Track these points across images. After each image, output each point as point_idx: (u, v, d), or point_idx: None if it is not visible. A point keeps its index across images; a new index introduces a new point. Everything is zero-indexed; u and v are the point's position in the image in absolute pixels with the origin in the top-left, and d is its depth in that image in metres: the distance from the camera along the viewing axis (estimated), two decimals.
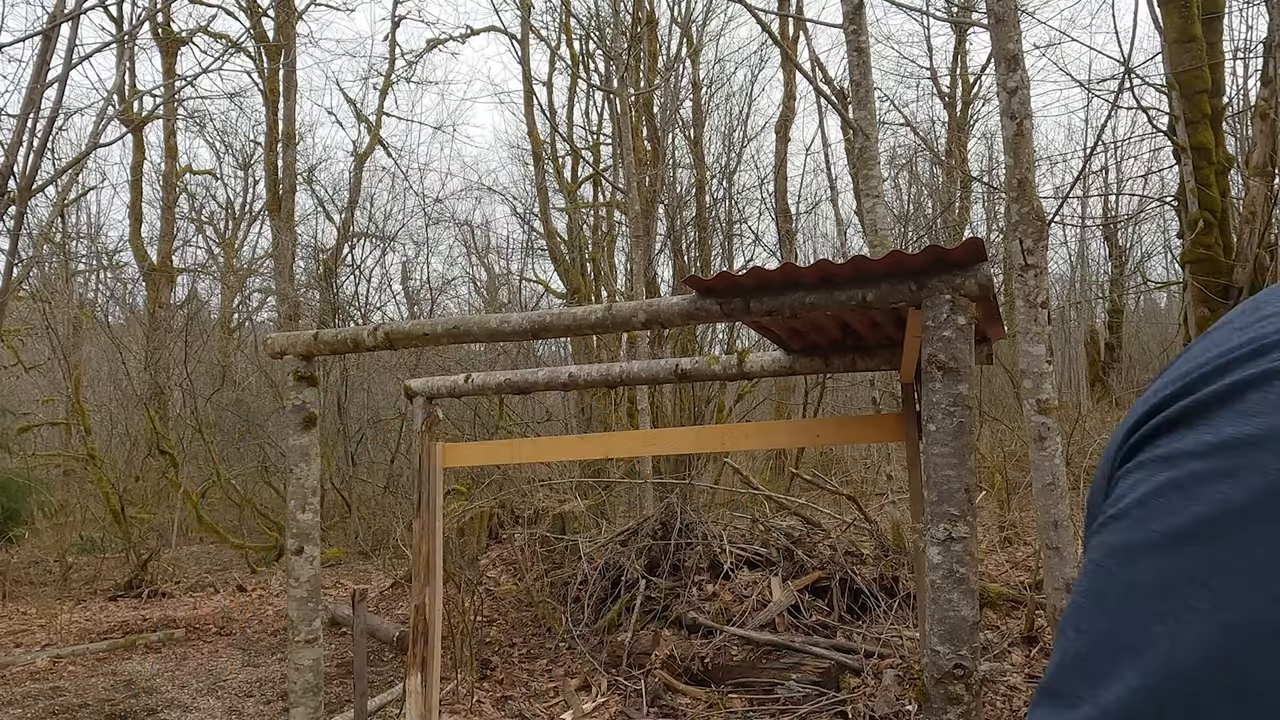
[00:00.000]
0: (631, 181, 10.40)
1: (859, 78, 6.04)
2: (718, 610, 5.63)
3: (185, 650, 7.02)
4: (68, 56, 7.07)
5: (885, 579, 5.91)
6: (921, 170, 17.83)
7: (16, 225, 7.06)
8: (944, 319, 2.16)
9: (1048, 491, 4.20)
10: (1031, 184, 4.28)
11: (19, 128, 6.74)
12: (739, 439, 4.84)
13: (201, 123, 16.92)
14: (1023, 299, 4.23)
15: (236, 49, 13.11)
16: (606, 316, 2.52)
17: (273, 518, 11.60)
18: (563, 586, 6.61)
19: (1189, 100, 9.63)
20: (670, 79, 13.88)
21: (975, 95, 17.11)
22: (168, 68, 14.38)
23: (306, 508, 3.22)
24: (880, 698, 4.51)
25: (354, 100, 18.07)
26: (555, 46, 15.89)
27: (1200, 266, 9.66)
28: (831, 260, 2.23)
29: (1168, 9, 9.74)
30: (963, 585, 2.12)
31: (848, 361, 3.45)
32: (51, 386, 14.18)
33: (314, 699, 3.21)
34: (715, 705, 4.78)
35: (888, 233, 6.31)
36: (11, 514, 10.85)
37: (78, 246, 17.03)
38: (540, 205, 15.23)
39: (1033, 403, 4.22)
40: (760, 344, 6.22)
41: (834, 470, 12.46)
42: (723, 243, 16.19)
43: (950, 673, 2.10)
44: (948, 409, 2.16)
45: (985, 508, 8.99)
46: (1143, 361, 20.35)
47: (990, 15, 4.41)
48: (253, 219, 19.68)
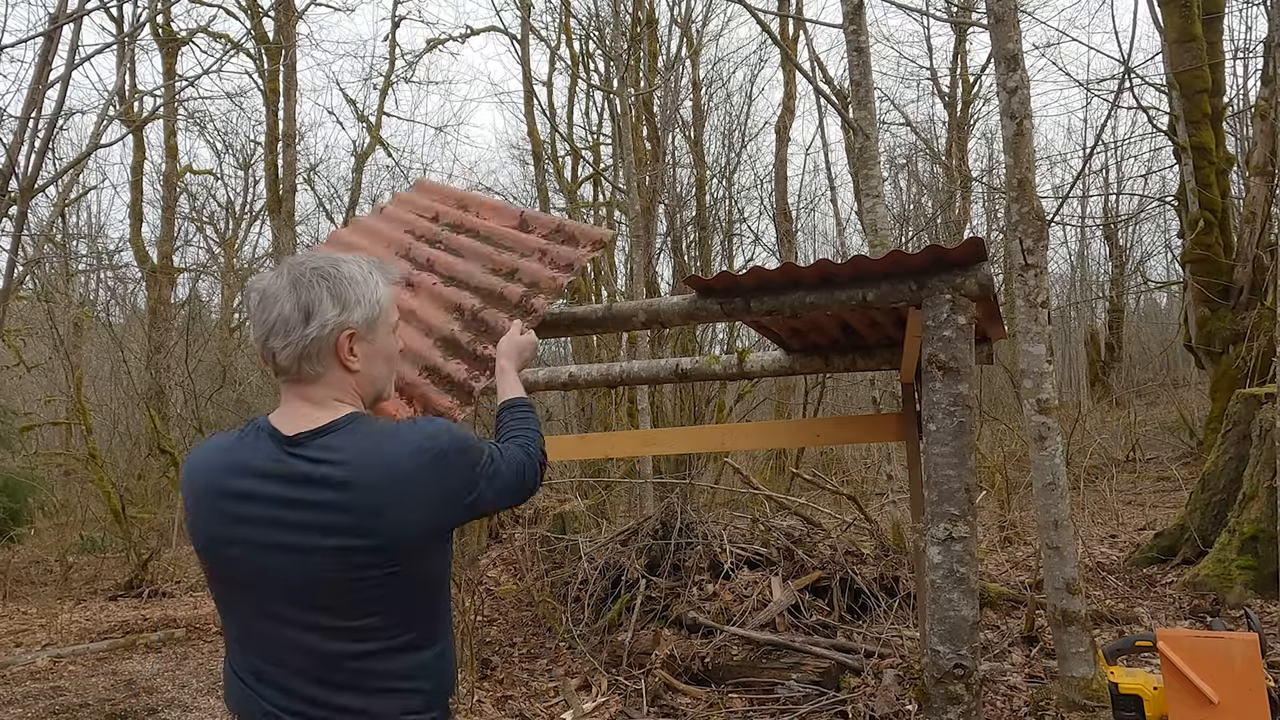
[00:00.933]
0: (631, 181, 10.41)
1: (859, 78, 6.05)
2: (718, 610, 5.63)
3: (186, 650, 7.02)
4: (69, 57, 7.07)
5: (885, 579, 5.91)
6: (921, 170, 17.83)
7: (18, 225, 7.07)
8: (944, 319, 2.16)
9: (1048, 491, 4.20)
10: (1031, 184, 4.28)
11: (21, 128, 6.74)
12: (739, 439, 4.84)
13: (202, 123, 16.96)
14: (1023, 299, 4.24)
15: (237, 49, 13.12)
16: (606, 316, 2.52)
17: None
18: (563, 586, 6.62)
19: (1189, 100, 9.63)
20: (670, 79, 13.88)
21: (975, 95, 17.12)
22: (168, 68, 14.38)
23: None
24: (880, 697, 4.52)
25: (354, 100, 18.11)
26: (555, 47, 15.91)
27: (1200, 266, 9.66)
28: (831, 260, 2.23)
29: (1168, 9, 9.74)
30: (963, 585, 2.13)
31: (848, 361, 3.45)
32: (53, 386, 14.20)
33: None
34: (715, 705, 4.78)
35: (888, 233, 6.31)
36: (12, 513, 10.85)
37: (79, 246, 17.05)
38: (540, 205, 15.24)
39: (1033, 402, 4.22)
40: (760, 344, 6.22)
41: (834, 470, 12.46)
42: (723, 243, 16.20)
43: (950, 672, 2.10)
44: (948, 409, 2.16)
45: (985, 507, 8.99)
46: (1143, 361, 20.36)
47: (990, 15, 4.42)
48: (253, 219, 19.71)
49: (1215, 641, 2.70)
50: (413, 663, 1.38)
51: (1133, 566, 6.86)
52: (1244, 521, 6.04)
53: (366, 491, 1.31)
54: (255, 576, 1.36)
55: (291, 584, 1.33)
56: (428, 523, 1.36)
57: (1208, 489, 6.74)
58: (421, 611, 1.40)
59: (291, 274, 1.40)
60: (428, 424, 1.42)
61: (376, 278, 1.47)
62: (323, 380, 1.41)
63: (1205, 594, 5.93)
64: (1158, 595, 6.20)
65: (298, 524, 1.32)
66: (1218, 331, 9.33)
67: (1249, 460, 6.29)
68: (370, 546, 1.31)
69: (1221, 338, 9.27)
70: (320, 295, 1.39)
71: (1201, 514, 6.69)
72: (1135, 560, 6.97)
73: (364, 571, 1.32)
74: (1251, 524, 5.98)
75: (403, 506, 1.32)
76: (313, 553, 1.31)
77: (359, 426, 1.38)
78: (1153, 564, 6.82)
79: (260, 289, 1.41)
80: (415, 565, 1.36)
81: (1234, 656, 2.64)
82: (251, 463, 1.37)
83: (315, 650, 1.34)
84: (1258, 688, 2.61)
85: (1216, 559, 6.08)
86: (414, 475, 1.33)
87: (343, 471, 1.31)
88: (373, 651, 1.35)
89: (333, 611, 1.33)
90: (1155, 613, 5.77)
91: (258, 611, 1.37)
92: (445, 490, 1.38)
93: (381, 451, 1.34)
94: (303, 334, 1.37)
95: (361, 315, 1.43)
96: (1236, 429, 6.64)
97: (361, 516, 1.30)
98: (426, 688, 1.40)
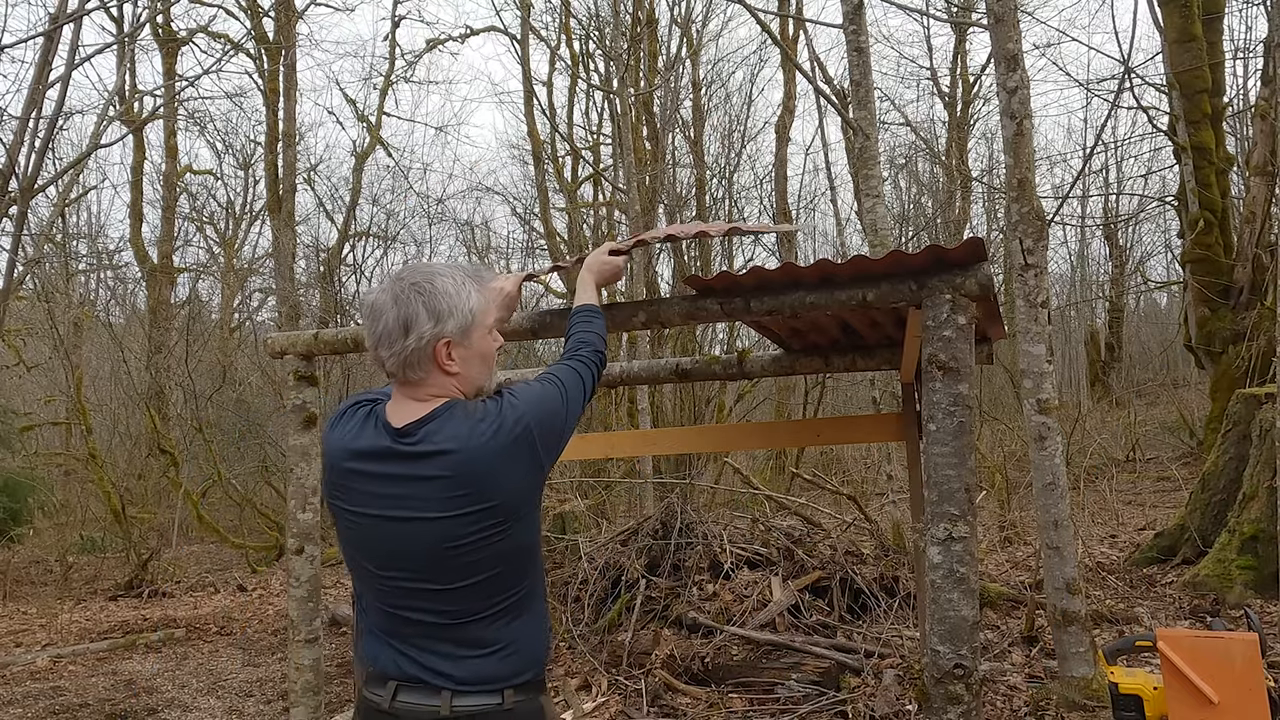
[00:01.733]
0: (631, 181, 10.41)
1: (859, 78, 6.05)
2: (718, 610, 5.63)
3: (186, 650, 7.02)
4: (69, 57, 7.07)
5: (885, 579, 5.91)
6: (921, 170, 17.82)
7: (18, 225, 7.07)
8: (944, 319, 2.16)
9: (1048, 491, 4.20)
10: (1031, 184, 4.28)
11: (21, 128, 6.74)
12: (739, 439, 4.85)
13: (202, 123, 16.92)
14: (1023, 299, 4.23)
15: (237, 49, 13.11)
16: (606, 316, 2.52)
17: (273, 517, 11.60)
18: (563, 586, 6.61)
19: (1189, 100, 9.63)
20: (670, 79, 13.88)
21: (975, 95, 17.10)
22: (168, 68, 14.37)
23: (307, 507, 3.22)
24: (880, 697, 4.52)
25: (354, 100, 18.10)
26: (555, 47, 15.89)
27: (1200, 266, 9.66)
28: (831, 260, 2.23)
29: (1168, 9, 9.73)
30: (963, 585, 2.13)
31: (848, 361, 3.45)
32: (53, 386, 14.18)
33: (314, 699, 3.21)
34: (715, 705, 4.78)
35: (888, 233, 6.31)
36: (12, 513, 10.84)
37: (79, 246, 17.04)
38: (540, 205, 15.25)
39: (1033, 402, 4.22)
40: (760, 344, 6.22)
41: (834, 470, 12.46)
42: (722, 242, 16.18)
43: (950, 672, 2.10)
44: (948, 409, 2.16)
45: (985, 507, 8.99)
46: (1143, 361, 20.34)
47: (990, 15, 4.41)
48: (253, 219, 19.69)
49: (1215, 641, 2.70)
50: (509, 628, 1.55)
51: (1133, 566, 6.86)
52: (1244, 521, 6.04)
53: (470, 463, 1.49)
54: (375, 545, 1.56)
55: (404, 552, 1.53)
56: (525, 487, 1.56)
57: (1208, 489, 6.74)
58: (517, 578, 1.57)
59: (393, 290, 1.60)
60: (510, 408, 1.57)
61: (470, 288, 1.63)
62: (425, 382, 1.61)
63: (1205, 594, 5.93)
64: (1158, 595, 6.20)
65: (408, 497, 1.52)
66: (1218, 331, 9.33)
67: (1249, 460, 6.29)
68: (478, 511, 1.50)
69: (1221, 338, 9.27)
70: (417, 310, 1.57)
71: (1201, 514, 6.69)
72: (1135, 560, 6.97)
73: (471, 537, 1.50)
74: (1251, 524, 5.98)
75: (504, 475, 1.51)
76: (423, 522, 1.51)
77: (456, 411, 1.56)
78: (1153, 564, 6.82)
79: (370, 303, 1.63)
80: (516, 531, 1.55)
81: (1234, 657, 2.64)
82: (369, 447, 1.58)
83: (424, 613, 1.53)
84: (1258, 688, 2.61)
85: (1216, 559, 6.08)
86: (508, 448, 1.52)
87: (447, 448, 1.50)
88: (475, 616, 1.53)
89: (440, 578, 1.51)
90: (1155, 613, 5.77)
91: (378, 577, 1.57)
92: (533, 459, 1.56)
93: (478, 431, 1.52)
94: (403, 345, 1.56)
95: (455, 325, 1.60)
96: (1236, 429, 6.64)
97: (467, 485, 1.49)
98: (523, 650, 1.57)
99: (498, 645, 1.54)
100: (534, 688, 1.59)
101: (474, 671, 1.52)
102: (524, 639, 1.57)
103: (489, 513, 1.50)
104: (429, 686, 1.52)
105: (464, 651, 1.53)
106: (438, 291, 1.58)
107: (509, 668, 1.54)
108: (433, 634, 1.53)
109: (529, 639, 1.58)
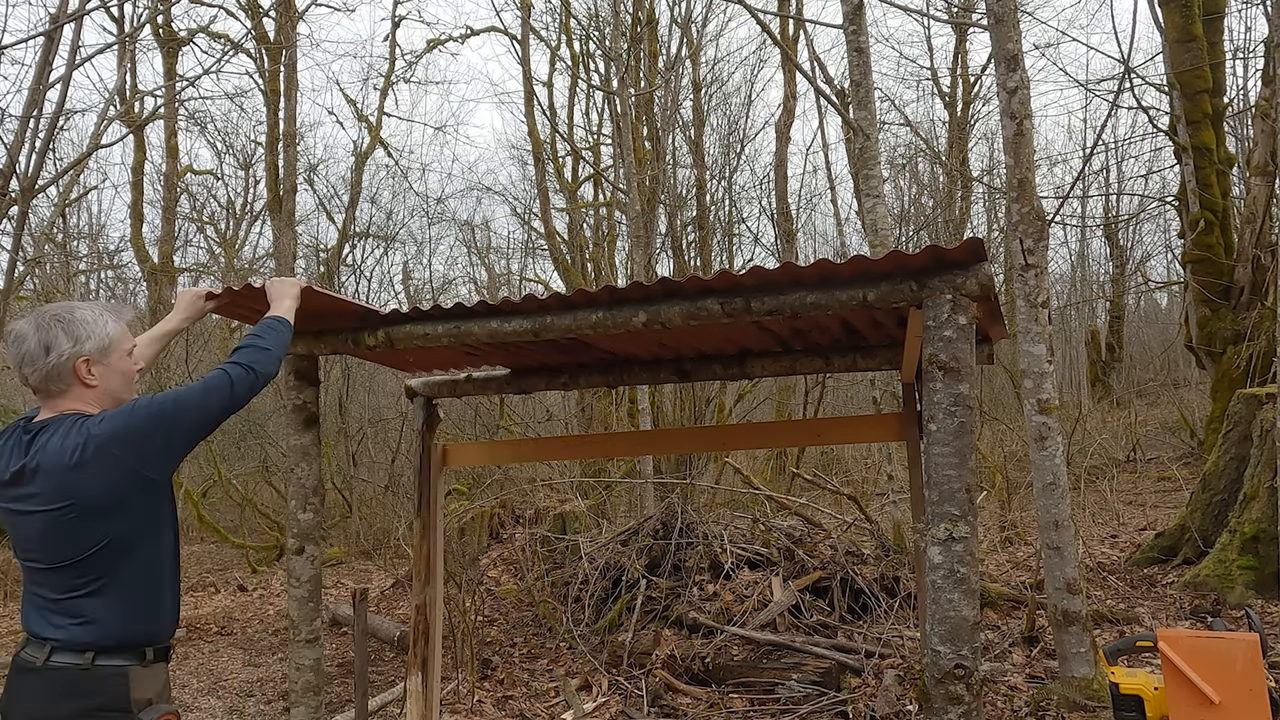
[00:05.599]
0: (631, 181, 10.41)
1: (859, 78, 6.05)
2: (718, 610, 5.63)
3: (186, 650, 7.02)
4: (70, 58, 7.07)
5: (886, 579, 5.91)
6: (921, 170, 17.81)
7: (18, 225, 7.07)
8: (945, 319, 2.16)
9: (1048, 491, 4.20)
10: (1032, 184, 4.28)
11: (21, 128, 6.74)
12: (739, 439, 4.85)
13: (202, 123, 16.91)
14: (1023, 299, 4.23)
15: (237, 50, 13.11)
16: (607, 316, 2.53)
17: (274, 517, 11.60)
18: (563, 586, 6.61)
19: (1190, 100, 9.62)
20: (670, 79, 13.87)
21: (975, 95, 17.09)
22: (168, 68, 14.37)
23: (307, 507, 3.22)
24: (881, 698, 4.51)
25: (354, 100, 18.11)
26: (555, 47, 15.90)
27: (1201, 266, 9.65)
28: (832, 260, 2.23)
29: (1168, 9, 9.73)
30: (963, 585, 2.13)
31: (849, 361, 3.44)
32: None
33: (315, 699, 3.21)
34: (716, 705, 4.78)
35: (888, 233, 6.31)
36: None
37: (79, 246, 17.04)
38: (540, 205, 15.25)
39: (1033, 402, 4.22)
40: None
41: (834, 470, 12.46)
42: (722, 242, 16.19)
43: (951, 672, 2.10)
44: (949, 409, 2.16)
45: (986, 508, 8.99)
46: (1143, 361, 20.33)
47: (990, 15, 4.41)
48: (253, 219, 19.68)
49: (1216, 642, 2.70)
50: (95, 604, 1.86)
51: (1133, 566, 6.86)
52: (1245, 522, 6.04)
53: (54, 472, 1.82)
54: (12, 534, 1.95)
55: (29, 539, 1.89)
56: (113, 488, 1.85)
57: (1208, 489, 6.74)
58: (106, 565, 1.87)
59: (36, 320, 1.93)
60: (98, 421, 1.87)
61: (107, 318, 1.98)
62: (66, 395, 1.93)
63: (1206, 594, 5.93)
64: (1158, 595, 6.20)
65: (28, 496, 1.87)
66: (1218, 331, 9.33)
67: (1250, 460, 6.29)
68: (63, 509, 1.83)
69: (1222, 338, 9.27)
70: (57, 334, 1.90)
71: (1202, 514, 6.68)
72: (1136, 560, 6.97)
73: (65, 528, 1.83)
74: (1252, 524, 5.97)
75: (83, 481, 1.82)
76: (34, 515, 1.86)
77: (60, 422, 1.88)
78: (1153, 564, 6.81)
79: (14, 332, 1.93)
80: (104, 524, 1.85)
81: (1235, 657, 2.64)
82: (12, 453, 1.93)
83: (45, 588, 1.90)
84: (1258, 688, 2.61)
85: (1217, 559, 6.08)
86: (89, 463, 1.82)
87: (40, 459, 1.84)
88: (76, 593, 1.86)
89: (49, 559, 1.87)
90: (1156, 613, 5.77)
91: (21, 558, 1.94)
92: (119, 468, 1.84)
93: (65, 448, 1.82)
94: (45, 362, 1.89)
95: (94, 345, 1.93)
96: (1237, 429, 6.63)
97: (56, 490, 1.82)
98: (103, 626, 1.87)
99: (90, 618, 1.86)
100: (117, 654, 1.88)
101: (69, 636, 1.85)
102: (102, 618, 1.87)
103: (71, 506, 1.83)
104: (39, 641, 1.87)
105: (66, 624, 1.86)
106: (76, 320, 1.92)
107: (91, 635, 1.85)
108: (53, 606, 1.88)
109: (106, 618, 1.87)
